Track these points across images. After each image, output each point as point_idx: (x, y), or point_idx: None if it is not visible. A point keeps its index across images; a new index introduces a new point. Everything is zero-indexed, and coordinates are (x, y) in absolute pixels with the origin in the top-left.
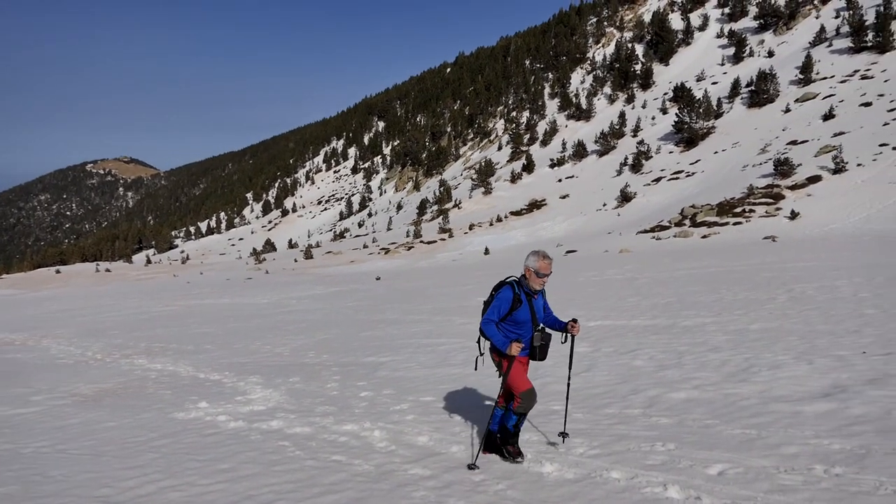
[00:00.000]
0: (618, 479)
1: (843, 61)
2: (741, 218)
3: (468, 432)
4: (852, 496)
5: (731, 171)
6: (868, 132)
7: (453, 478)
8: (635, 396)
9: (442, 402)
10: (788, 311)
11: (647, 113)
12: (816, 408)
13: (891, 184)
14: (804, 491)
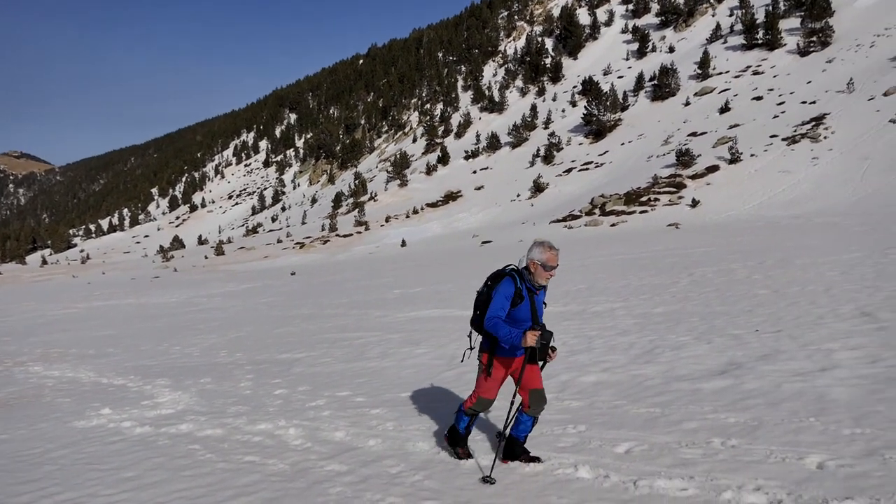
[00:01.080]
0: (529, 464)
1: (737, 57)
2: (647, 206)
3: (384, 425)
4: (745, 465)
5: (637, 162)
6: (760, 124)
7: (370, 472)
8: (548, 381)
9: (359, 397)
10: (690, 294)
11: (557, 105)
12: (714, 384)
13: (780, 173)
14: (703, 463)
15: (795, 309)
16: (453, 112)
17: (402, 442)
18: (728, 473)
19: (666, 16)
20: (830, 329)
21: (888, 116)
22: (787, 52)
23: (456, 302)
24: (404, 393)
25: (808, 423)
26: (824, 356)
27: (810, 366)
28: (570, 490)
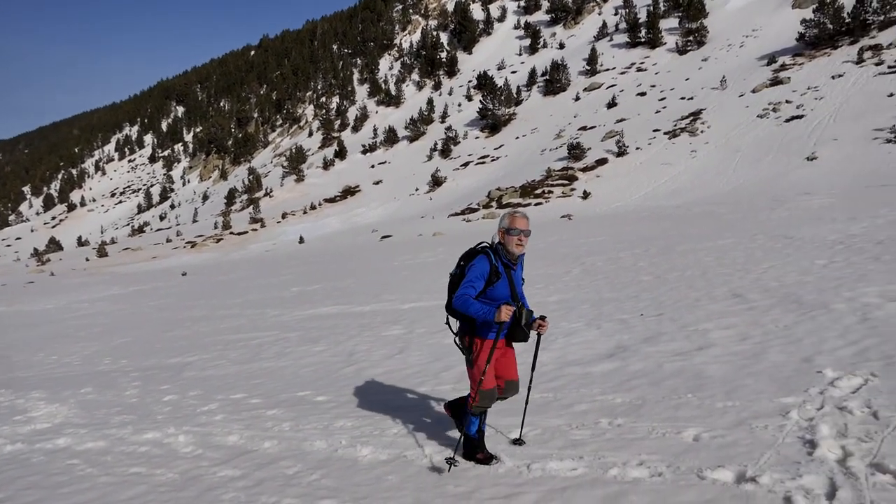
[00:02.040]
0: (427, 456)
1: (622, 55)
2: (542, 199)
3: (280, 426)
4: (630, 442)
5: (531, 155)
6: (644, 119)
7: (265, 474)
8: (447, 373)
9: (254, 399)
10: (582, 283)
11: (453, 100)
12: (603, 367)
13: (663, 165)
14: (592, 443)
15: (676, 293)
16: (350, 105)
17: (300, 442)
18: (614, 451)
19: (556, 13)
20: (706, 310)
21: (756, 112)
22: (667, 50)
23: (355, 298)
24: (302, 392)
25: (686, 400)
26: (701, 336)
27: (688, 345)
28: (466, 478)
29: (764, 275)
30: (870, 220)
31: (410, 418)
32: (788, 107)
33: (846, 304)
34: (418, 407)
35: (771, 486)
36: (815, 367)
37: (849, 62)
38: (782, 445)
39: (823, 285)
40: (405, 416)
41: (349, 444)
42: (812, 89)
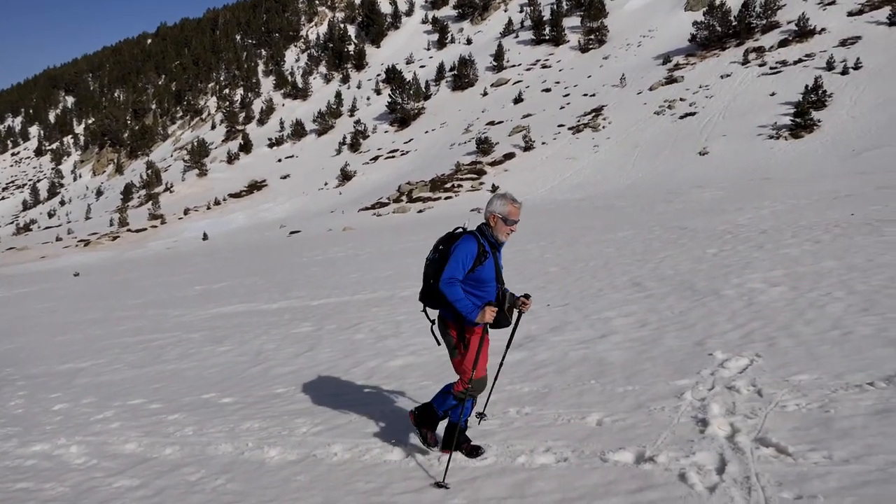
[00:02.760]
0: (336, 453)
1: (528, 51)
2: (451, 192)
3: (183, 431)
4: (537, 430)
5: (441, 150)
6: (549, 114)
7: (166, 482)
8: (357, 369)
9: (154, 403)
10: None
11: (362, 93)
12: (511, 358)
13: (567, 159)
14: (501, 432)
15: (580, 283)
16: (255, 98)
17: (203, 447)
18: (522, 439)
19: (463, 8)
20: (608, 299)
21: (653, 109)
22: (570, 48)
23: (263, 295)
24: (206, 394)
25: (589, 386)
26: (603, 324)
27: (592, 333)
28: (377, 473)
29: (661, 264)
30: (755, 211)
31: (320, 417)
32: (682, 104)
33: (734, 290)
34: (328, 405)
35: (667, 464)
36: (706, 350)
37: (735, 63)
38: (677, 425)
39: (714, 273)
40: (314, 415)
41: (256, 447)
42: (703, 88)
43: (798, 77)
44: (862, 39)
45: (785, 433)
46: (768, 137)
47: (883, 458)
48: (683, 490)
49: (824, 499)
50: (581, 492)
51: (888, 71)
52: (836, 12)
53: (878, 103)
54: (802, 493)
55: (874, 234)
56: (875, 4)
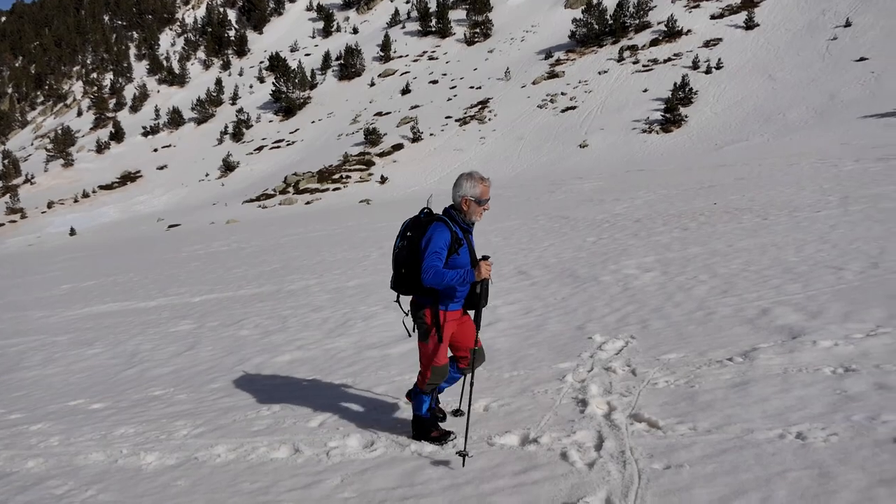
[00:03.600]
0: (219, 455)
1: (415, 42)
2: (340, 184)
3: (47, 442)
4: None
5: (328, 140)
6: (436, 106)
7: (29, 498)
8: (241, 366)
9: (14, 413)
10: (379, 267)
11: (244, 81)
12: (400, 349)
13: (455, 150)
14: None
15: None
16: (126, 83)
17: (71, 457)
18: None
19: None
20: (495, 288)
21: (536, 102)
22: (456, 40)
23: (138, 293)
24: (74, 401)
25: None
26: (490, 312)
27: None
28: (263, 472)
29: (545, 252)
30: (629, 201)
31: (202, 418)
32: (563, 98)
33: (611, 276)
34: (211, 405)
35: (550, 444)
36: (586, 333)
37: (612, 60)
38: (559, 407)
39: (594, 260)
40: (196, 417)
41: (131, 453)
42: (583, 83)
43: (668, 75)
44: (723, 41)
45: (656, 408)
46: (642, 131)
47: (739, 427)
48: (565, 468)
49: (689, 467)
50: (469, 477)
51: (745, 71)
52: (700, 15)
53: (737, 100)
54: (671, 463)
55: (733, 222)
56: (734, 9)
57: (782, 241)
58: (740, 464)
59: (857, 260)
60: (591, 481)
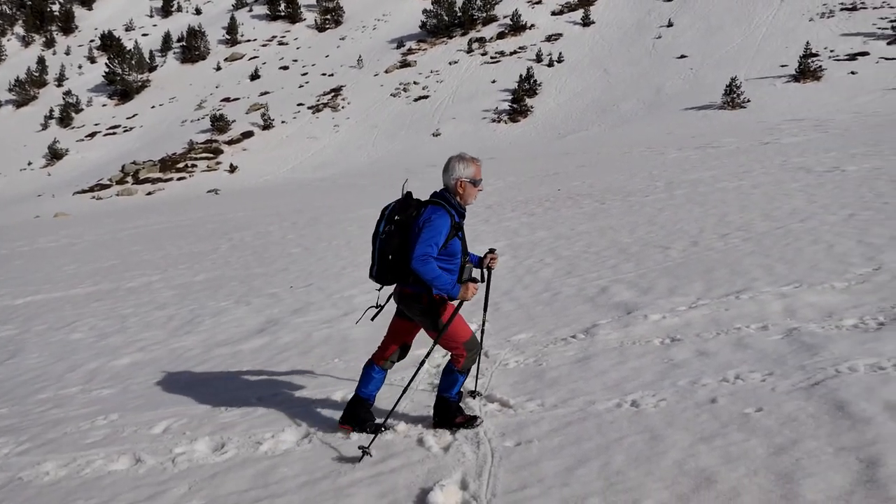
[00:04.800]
0: (48, 472)
1: (263, 27)
2: (185, 173)
3: None
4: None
5: (171, 127)
6: (288, 92)
7: None
8: (73, 373)
9: None
10: (230, 259)
11: (72, 60)
12: (253, 344)
13: (308, 139)
14: (242, 423)
15: (323, 263)
16: None
17: None
18: (265, 426)
19: None
20: (351, 278)
21: (389, 91)
22: (307, 26)
23: None
24: None
25: (333, 364)
26: (346, 302)
27: (335, 312)
28: (99, 487)
29: None
30: None
31: (26, 433)
32: (416, 88)
33: None
34: (37, 418)
35: (406, 431)
36: None
37: (461, 51)
38: (416, 393)
39: None
40: (19, 432)
41: None
42: (434, 73)
43: (514, 67)
44: (563, 36)
45: (507, 388)
46: (491, 121)
47: (582, 399)
48: (421, 454)
49: (538, 441)
50: (325, 471)
51: (584, 65)
52: (542, 11)
53: (577, 92)
54: (521, 439)
55: (575, 207)
56: (572, 6)
57: (617, 223)
58: (583, 434)
59: (680, 239)
60: (446, 464)
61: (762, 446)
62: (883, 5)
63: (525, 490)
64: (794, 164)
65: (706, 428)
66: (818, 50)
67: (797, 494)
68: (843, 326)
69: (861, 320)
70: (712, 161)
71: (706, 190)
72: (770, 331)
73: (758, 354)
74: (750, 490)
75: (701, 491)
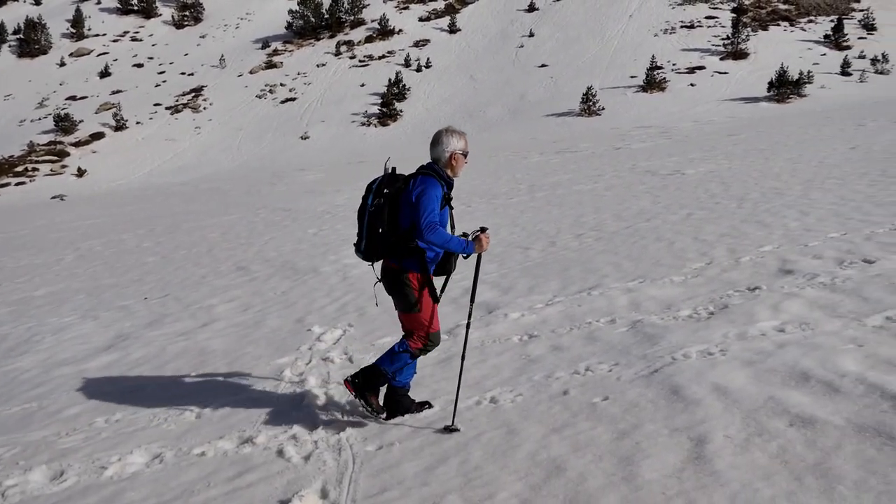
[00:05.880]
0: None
1: (114, 21)
2: (24, 177)
3: None
4: (129, 436)
5: (7, 127)
6: (143, 91)
7: None
8: None
9: None
10: (76, 271)
11: None
12: (100, 361)
13: (167, 141)
14: (85, 448)
15: (182, 272)
16: None
17: None
18: (111, 449)
19: None
20: (212, 286)
21: (255, 92)
22: (163, 22)
23: None
24: None
25: (190, 379)
26: (206, 312)
27: (193, 324)
28: None
29: (265, 246)
30: (350, 192)
31: None
32: (283, 90)
33: (331, 266)
34: None
35: (266, 443)
36: (305, 325)
37: (329, 54)
38: (277, 403)
39: (314, 251)
40: None
41: None
42: (302, 75)
43: (383, 71)
44: (431, 42)
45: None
46: (361, 124)
47: (444, 399)
48: (281, 465)
49: (399, 444)
50: (177, 491)
51: (451, 71)
52: (410, 16)
53: (445, 97)
54: (383, 442)
55: None
56: (439, 13)
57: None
58: (443, 433)
59: (540, 240)
60: (306, 474)
61: (607, 433)
62: (715, 25)
63: (385, 493)
64: (642, 168)
65: (558, 419)
66: (662, 63)
67: (636, 475)
68: (680, 317)
69: (694, 311)
70: (570, 165)
71: (564, 192)
72: (617, 324)
73: (606, 346)
74: (595, 475)
75: (552, 479)
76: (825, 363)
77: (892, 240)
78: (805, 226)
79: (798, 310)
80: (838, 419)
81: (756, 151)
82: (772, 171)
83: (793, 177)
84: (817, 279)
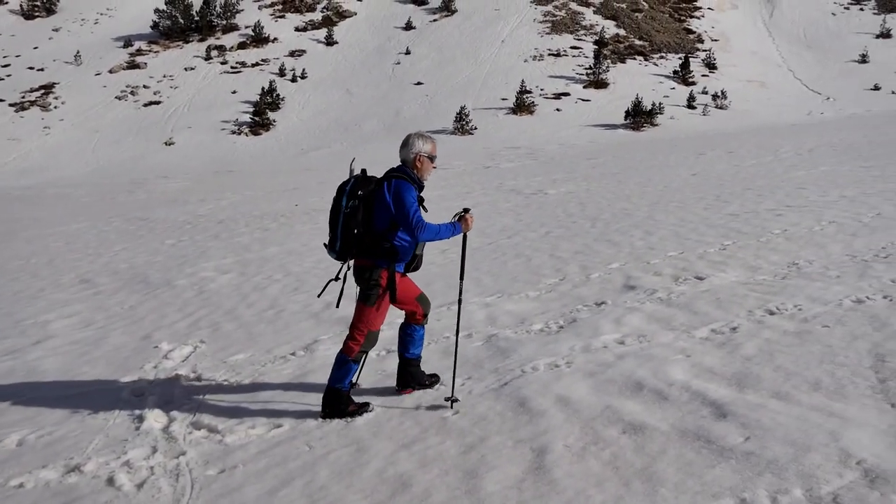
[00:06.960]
0: None
1: None
2: None
3: None
4: None
5: None
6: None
7: None
8: None
9: None
10: None
11: None
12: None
13: (10, 140)
14: None
15: (16, 284)
16: None
17: None
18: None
19: None
20: (49, 300)
21: (114, 93)
22: (9, 10)
23: None
24: None
25: (15, 403)
26: (40, 328)
27: (24, 341)
28: None
29: (115, 258)
30: (215, 202)
31: None
32: (146, 92)
33: (187, 279)
34: None
35: (95, 471)
36: (153, 342)
37: (199, 57)
38: (112, 427)
39: (170, 264)
40: None
41: None
42: (168, 77)
43: (256, 79)
44: (307, 53)
45: (217, 413)
46: (231, 132)
47: (292, 419)
48: (110, 494)
49: (243, 466)
50: None
51: (328, 83)
52: (286, 25)
53: (321, 109)
54: (225, 465)
55: (311, 223)
56: (316, 24)
57: None
58: (290, 454)
59: None
60: (139, 503)
61: (455, 447)
62: (579, 55)
63: None
64: (508, 187)
65: (408, 434)
66: (531, 88)
67: (479, 488)
68: (532, 331)
69: (546, 325)
70: (442, 182)
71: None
72: (473, 338)
73: (461, 360)
74: (440, 489)
75: (397, 496)
76: (657, 373)
77: (720, 258)
78: (649, 244)
79: (637, 323)
80: (665, 425)
81: (611, 175)
82: (623, 193)
83: (641, 199)
84: (656, 294)
